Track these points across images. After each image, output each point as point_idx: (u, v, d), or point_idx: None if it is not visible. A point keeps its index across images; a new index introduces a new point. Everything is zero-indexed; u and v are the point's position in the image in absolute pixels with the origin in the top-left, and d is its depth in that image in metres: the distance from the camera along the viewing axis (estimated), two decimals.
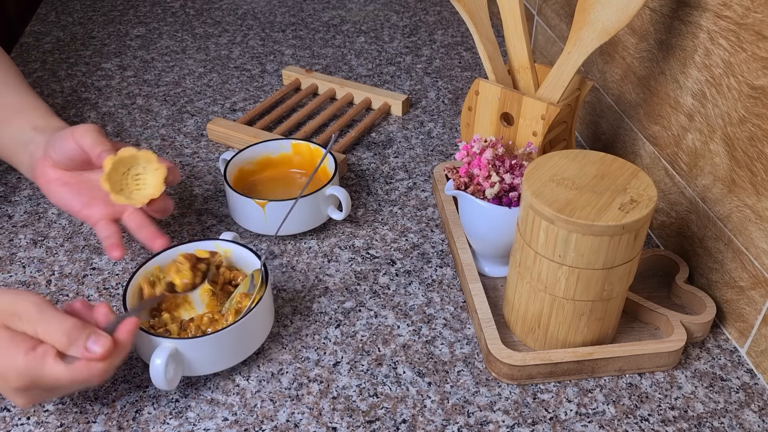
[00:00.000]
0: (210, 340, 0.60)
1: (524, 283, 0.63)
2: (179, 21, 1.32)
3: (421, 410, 0.61)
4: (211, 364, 0.62)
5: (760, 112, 0.61)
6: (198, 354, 0.60)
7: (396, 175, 0.91)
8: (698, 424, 0.60)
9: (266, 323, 0.65)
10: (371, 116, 1.00)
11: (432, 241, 0.80)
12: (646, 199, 0.58)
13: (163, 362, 0.57)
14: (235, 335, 0.61)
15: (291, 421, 0.60)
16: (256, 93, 1.09)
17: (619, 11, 0.66)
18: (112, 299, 0.72)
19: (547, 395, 0.63)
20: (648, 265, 0.74)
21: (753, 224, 0.63)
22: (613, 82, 0.87)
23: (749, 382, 0.64)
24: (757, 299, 0.64)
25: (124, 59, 1.18)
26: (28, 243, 0.79)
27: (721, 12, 0.65)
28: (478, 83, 0.77)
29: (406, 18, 1.35)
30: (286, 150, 0.85)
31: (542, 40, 1.10)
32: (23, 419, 0.60)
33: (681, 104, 0.73)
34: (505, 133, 0.78)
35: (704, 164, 0.70)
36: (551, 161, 0.62)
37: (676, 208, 0.76)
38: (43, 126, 0.75)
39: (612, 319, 0.64)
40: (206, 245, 0.69)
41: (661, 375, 0.65)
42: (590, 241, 0.56)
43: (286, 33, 1.28)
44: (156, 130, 0.99)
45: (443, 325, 0.69)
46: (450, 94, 1.09)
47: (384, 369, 0.65)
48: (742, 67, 0.63)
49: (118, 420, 0.60)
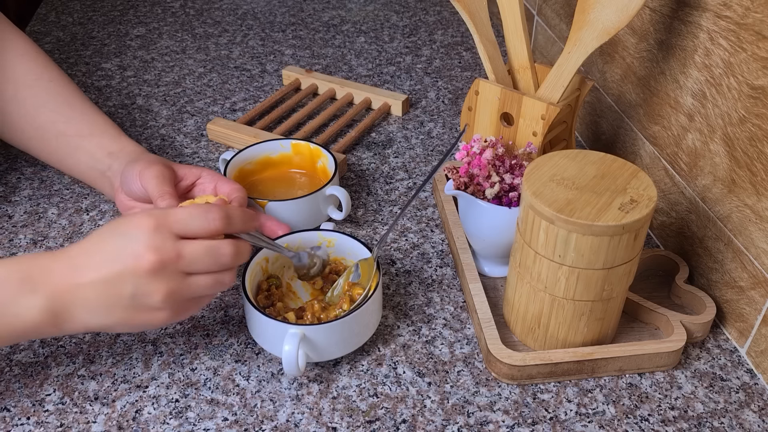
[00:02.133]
0: (338, 325, 0.61)
1: (524, 283, 0.63)
2: (179, 21, 1.32)
3: (421, 410, 0.61)
4: (337, 348, 0.63)
5: (760, 112, 0.61)
6: (325, 339, 0.62)
7: (396, 175, 0.91)
8: (698, 424, 0.60)
9: (379, 309, 0.67)
10: (371, 116, 1.00)
11: (432, 241, 0.80)
12: (646, 199, 0.58)
13: (294, 348, 0.59)
14: (359, 320, 0.63)
15: (291, 421, 0.60)
16: (256, 93, 1.09)
17: (619, 11, 0.66)
18: None
19: (547, 395, 0.63)
20: (648, 265, 0.74)
21: (753, 224, 0.63)
22: (613, 82, 0.87)
23: (749, 382, 0.64)
24: (757, 299, 0.64)
25: (124, 59, 1.18)
26: (28, 243, 0.79)
27: (721, 12, 0.65)
28: (478, 83, 0.77)
29: (406, 18, 1.35)
30: (286, 150, 0.85)
31: (542, 40, 1.10)
32: (23, 419, 0.60)
33: (681, 104, 0.73)
34: (505, 133, 0.78)
35: (704, 164, 0.70)
36: (551, 161, 0.62)
37: (676, 208, 0.76)
38: (117, 151, 0.75)
39: (612, 319, 0.64)
40: (310, 236, 0.70)
41: (661, 375, 0.65)
42: (590, 241, 0.56)
43: (286, 33, 1.28)
44: (156, 130, 0.99)
45: (443, 325, 0.69)
46: (450, 94, 1.09)
47: (384, 369, 0.65)
48: (742, 67, 0.63)
49: (118, 420, 0.60)
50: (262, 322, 0.62)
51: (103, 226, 0.58)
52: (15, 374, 0.64)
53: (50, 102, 0.78)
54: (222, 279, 0.58)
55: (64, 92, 0.79)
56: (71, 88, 0.80)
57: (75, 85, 0.82)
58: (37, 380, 0.63)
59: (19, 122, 0.78)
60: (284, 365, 0.59)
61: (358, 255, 0.69)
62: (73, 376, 0.64)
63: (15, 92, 0.77)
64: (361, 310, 0.62)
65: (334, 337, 0.62)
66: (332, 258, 0.71)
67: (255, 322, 0.63)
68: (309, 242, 0.71)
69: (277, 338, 0.60)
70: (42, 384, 0.63)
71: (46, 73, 0.80)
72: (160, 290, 0.55)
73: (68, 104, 0.78)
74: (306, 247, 0.69)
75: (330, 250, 0.71)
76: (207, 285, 0.57)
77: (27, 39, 0.82)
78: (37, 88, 0.78)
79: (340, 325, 0.61)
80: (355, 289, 0.66)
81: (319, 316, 0.65)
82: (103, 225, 0.58)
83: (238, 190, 0.71)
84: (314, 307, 0.66)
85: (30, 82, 0.78)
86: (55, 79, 0.80)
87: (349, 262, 0.71)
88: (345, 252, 0.71)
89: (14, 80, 0.78)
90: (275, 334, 0.61)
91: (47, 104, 0.78)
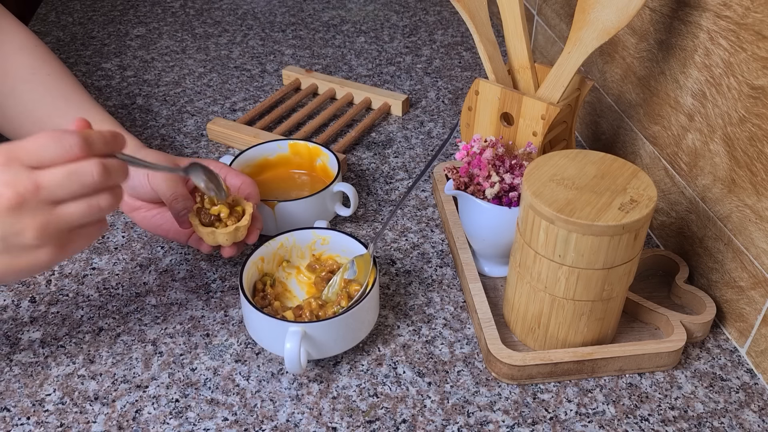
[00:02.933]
0: (337, 321, 0.62)
1: (524, 283, 0.63)
2: (179, 21, 1.32)
3: (421, 410, 0.61)
4: (336, 345, 0.63)
5: (760, 112, 0.61)
6: (325, 336, 0.62)
7: (396, 175, 0.91)
8: (698, 424, 0.60)
9: (377, 306, 0.67)
10: (371, 116, 1.00)
11: (432, 241, 0.80)
12: (646, 199, 0.58)
13: (295, 346, 0.59)
14: (358, 316, 0.63)
15: (291, 421, 0.60)
16: (256, 93, 1.09)
17: (619, 11, 0.66)
18: (112, 299, 0.72)
19: (547, 395, 0.63)
20: (648, 265, 0.74)
21: (753, 224, 0.63)
22: (613, 82, 0.87)
23: (749, 382, 0.64)
24: (757, 299, 0.64)
25: (124, 59, 1.18)
26: None
27: (721, 12, 0.65)
28: (478, 83, 0.77)
29: (406, 18, 1.35)
30: (284, 151, 0.85)
31: (542, 40, 1.10)
32: (23, 419, 0.60)
33: (681, 104, 0.73)
34: (505, 133, 0.78)
35: (704, 164, 0.70)
36: (551, 161, 0.62)
37: (676, 208, 0.76)
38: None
39: (612, 319, 0.64)
40: (304, 234, 0.71)
41: (661, 375, 0.65)
42: (590, 241, 0.56)
43: (286, 33, 1.28)
44: (156, 130, 0.99)
45: (443, 325, 0.69)
46: (450, 94, 1.09)
47: (384, 369, 0.65)
48: (742, 67, 0.63)
49: (118, 420, 0.60)
50: (261, 321, 0.62)
51: None
52: (15, 374, 0.64)
53: (47, 96, 0.78)
54: (97, 203, 0.54)
55: (61, 86, 0.79)
56: (69, 82, 0.80)
57: (74, 78, 0.81)
58: (37, 380, 0.63)
59: (18, 117, 0.78)
60: (286, 363, 0.60)
61: (353, 252, 0.69)
62: (73, 376, 0.64)
63: (12, 87, 0.77)
64: (359, 307, 0.62)
65: (332, 334, 0.62)
66: (325, 256, 0.71)
67: (254, 322, 0.63)
68: (303, 241, 0.71)
69: (277, 337, 0.60)
70: (42, 384, 0.63)
71: (44, 66, 0.79)
72: (30, 226, 0.51)
73: (65, 98, 0.78)
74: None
75: (324, 248, 0.71)
76: (81, 211, 0.53)
77: (27, 32, 0.81)
78: (34, 82, 0.78)
79: (339, 321, 0.61)
80: (351, 285, 0.67)
81: (317, 314, 0.65)
82: None
83: (250, 184, 0.71)
84: (312, 305, 0.66)
85: (27, 76, 0.78)
86: (53, 72, 0.79)
87: (343, 260, 0.71)
88: (339, 249, 0.71)
89: (12, 74, 0.77)
90: (275, 333, 0.61)
91: (44, 98, 0.77)
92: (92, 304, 0.71)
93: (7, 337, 0.67)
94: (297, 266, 0.72)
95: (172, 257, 0.77)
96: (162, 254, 0.77)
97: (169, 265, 0.76)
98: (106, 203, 0.54)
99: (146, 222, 0.73)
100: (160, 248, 0.78)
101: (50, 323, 0.69)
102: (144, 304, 0.71)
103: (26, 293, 0.72)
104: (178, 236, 0.73)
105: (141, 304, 0.71)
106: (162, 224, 0.72)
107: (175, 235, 0.73)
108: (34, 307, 0.71)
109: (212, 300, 0.72)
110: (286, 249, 0.71)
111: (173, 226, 0.72)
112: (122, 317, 0.70)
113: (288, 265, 0.72)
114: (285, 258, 0.72)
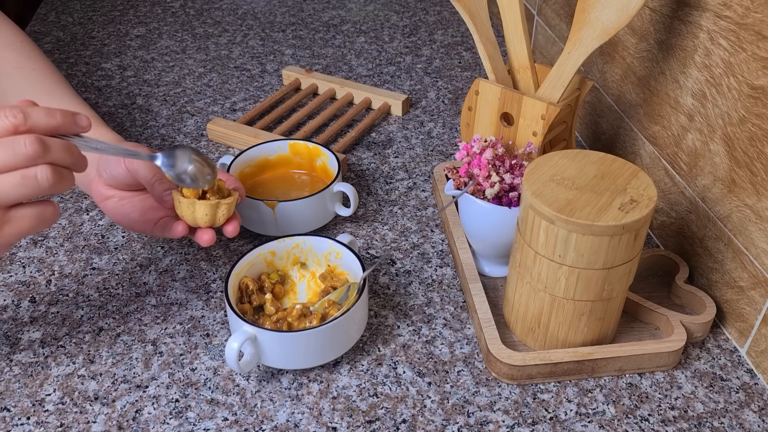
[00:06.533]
0: (282, 337, 0.61)
1: (524, 283, 0.63)
2: (179, 21, 1.32)
3: (421, 410, 0.61)
4: (285, 360, 0.62)
5: (760, 112, 0.61)
6: (272, 347, 0.61)
7: (396, 175, 0.91)
8: (698, 424, 0.60)
9: (350, 334, 0.64)
10: (371, 116, 1.00)
11: (432, 241, 0.80)
12: (646, 199, 0.58)
13: (237, 345, 0.59)
14: (313, 340, 0.61)
15: (291, 421, 0.60)
16: (256, 93, 1.09)
17: (619, 11, 0.66)
18: (112, 299, 0.72)
19: (547, 395, 0.63)
20: (648, 265, 0.74)
21: (753, 224, 0.63)
22: (613, 82, 0.87)
23: (749, 382, 0.64)
24: (757, 299, 0.64)
25: (124, 59, 1.18)
26: (28, 243, 0.79)
27: (721, 12, 0.65)
28: (478, 83, 0.77)
29: (406, 18, 1.35)
30: (284, 151, 0.85)
31: (542, 40, 1.10)
32: (23, 419, 0.60)
33: (681, 104, 0.73)
34: (505, 133, 0.78)
35: (704, 164, 0.70)
36: (551, 161, 0.62)
37: (676, 208, 0.76)
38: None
39: (612, 319, 0.64)
40: (321, 243, 0.70)
41: (661, 375, 0.65)
42: (590, 241, 0.56)
43: (286, 33, 1.28)
44: (156, 130, 0.99)
45: (443, 325, 0.69)
46: (450, 94, 1.09)
47: (384, 369, 0.65)
48: (742, 67, 0.63)
49: (118, 420, 0.60)
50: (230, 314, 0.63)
51: None
52: (15, 374, 0.64)
53: (30, 90, 0.77)
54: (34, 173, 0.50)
55: (45, 81, 0.79)
56: (53, 78, 0.80)
57: (59, 74, 0.81)
58: (37, 380, 0.63)
59: None
60: (226, 357, 0.60)
61: (356, 274, 0.67)
62: (73, 376, 0.64)
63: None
64: (306, 333, 0.60)
65: (278, 348, 0.61)
66: (339, 270, 0.70)
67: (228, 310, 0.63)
68: (319, 249, 0.71)
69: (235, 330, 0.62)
70: (42, 384, 0.63)
71: (28, 62, 0.80)
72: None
73: (48, 93, 0.78)
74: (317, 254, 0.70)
75: (338, 262, 0.71)
76: (14, 183, 0.50)
77: (14, 28, 0.82)
78: (17, 77, 0.78)
79: (285, 338, 0.61)
80: (333, 308, 0.65)
81: (292, 323, 0.64)
82: None
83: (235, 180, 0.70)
84: (293, 312, 0.65)
85: (11, 71, 0.78)
86: (37, 68, 0.80)
87: (351, 279, 0.69)
88: (348, 267, 0.70)
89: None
90: (234, 327, 0.62)
91: (26, 93, 0.77)
92: (92, 304, 0.71)
93: (7, 337, 0.67)
94: (312, 272, 0.72)
95: (172, 257, 0.77)
96: (162, 254, 0.77)
97: (169, 265, 0.76)
98: (43, 176, 0.51)
99: (116, 212, 0.69)
100: (160, 248, 0.78)
101: (50, 323, 0.69)
102: (144, 304, 0.71)
103: (26, 293, 0.72)
104: (144, 226, 0.69)
105: (141, 304, 0.71)
106: (130, 213, 0.69)
107: (141, 225, 0.69)
108: (34, 307, 0.71)
109: (212, 300, 0.72)
110: (301, 251, 0.71)
111: (141, 216, 0.68)
112: (122, 317, 0.70)
113: (303, 267, 0.72)
114: (301, 260, 0.72)
